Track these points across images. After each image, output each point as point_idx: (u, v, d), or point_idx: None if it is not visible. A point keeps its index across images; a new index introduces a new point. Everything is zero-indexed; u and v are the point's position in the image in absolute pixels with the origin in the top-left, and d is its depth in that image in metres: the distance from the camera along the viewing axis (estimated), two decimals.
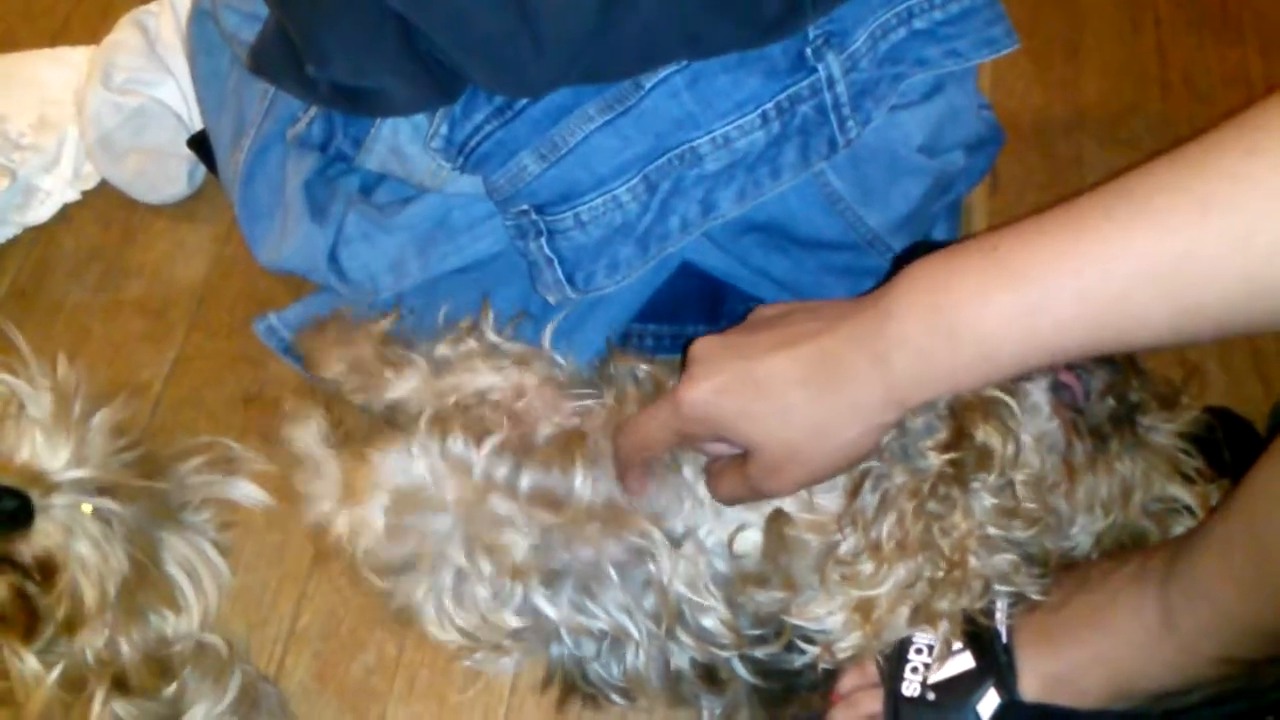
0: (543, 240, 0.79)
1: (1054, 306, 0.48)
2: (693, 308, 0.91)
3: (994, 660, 0.65)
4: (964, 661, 0.65)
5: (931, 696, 0.65)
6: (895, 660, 0.66)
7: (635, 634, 0.68)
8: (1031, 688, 0.64)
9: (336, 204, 0.87)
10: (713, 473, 0.64)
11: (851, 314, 0.55)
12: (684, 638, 0.67)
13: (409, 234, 0.85)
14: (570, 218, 0.77)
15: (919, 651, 0.66)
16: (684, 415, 0.59)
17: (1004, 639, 0.65)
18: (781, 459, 0.57)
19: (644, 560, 0.67)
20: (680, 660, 0.68)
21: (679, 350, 0.90)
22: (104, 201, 1.03)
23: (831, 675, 0.69)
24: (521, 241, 0.80)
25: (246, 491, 0.82)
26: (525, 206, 0.78)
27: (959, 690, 0.65)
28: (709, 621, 0.67)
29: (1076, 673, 0.64)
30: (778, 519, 0.65)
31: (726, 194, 0.78)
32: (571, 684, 0.71)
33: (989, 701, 0.64)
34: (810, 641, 0.65)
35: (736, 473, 0.61)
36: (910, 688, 0.66)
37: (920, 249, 0.86)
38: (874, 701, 0.67)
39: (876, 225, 0.85)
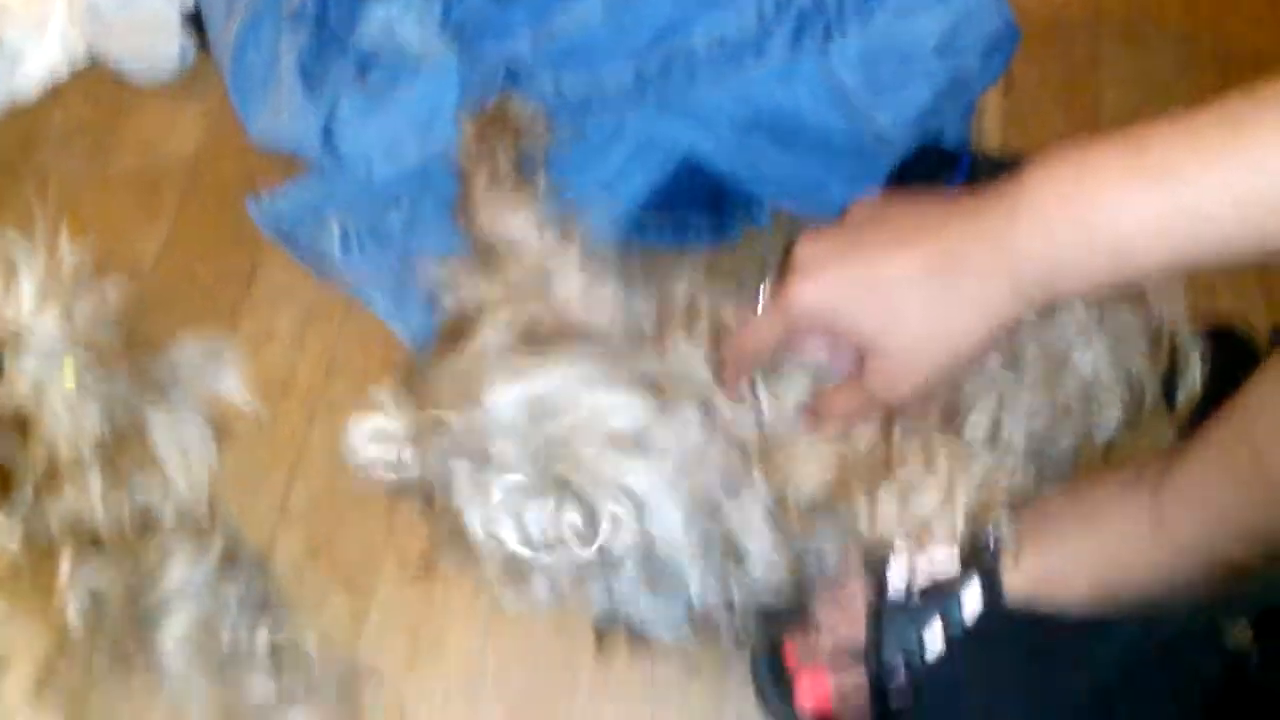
0: (496, 86, 0.78)
1: (1203, 208, 0.46)
2: (696, 200, 0.90)
3: (981, 558, 0.65)
4: (951, 558, 0.66)
5: (917, 590, 0.66)
6: (883, 554, 0.67)
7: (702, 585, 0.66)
8: (1017, 586, 0.65)
9: (331, 81, 0.84)
10: (824, 398, 0.62)
11: (973, 208, 0.52)
12: (745, 577, 0.65)
13: (406, 115, 0.83)
14: (550, 82, 0.76)
15: (907, 551, 0.66)
16: (795, 313, 0.57)
17: (992, 539, 0.65)
18: (902, 359, 0.55)
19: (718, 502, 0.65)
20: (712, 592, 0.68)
21: (680, 238, 0.90)
22: (94, 81, 1.01)
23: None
24: (475, 76, 0.78)
25: (233, 387, 0.82)
26: None
27: (944, 585, 0.65)
28: (767, 560, 0.65)
29: (1063, 572, 0.64)
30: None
31: (708, 74, 0.78)
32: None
33: (973, 598, 0.65)
34: None
35: (854, 388, 0.59)
36: (896, 580, 0.66)
37: (928, 153, 0.84)
38: (860, 593, 0.68)
39: (885, 125, 0.83)
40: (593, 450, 0.65)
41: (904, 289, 0.54)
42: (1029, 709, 0.63)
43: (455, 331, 0.74)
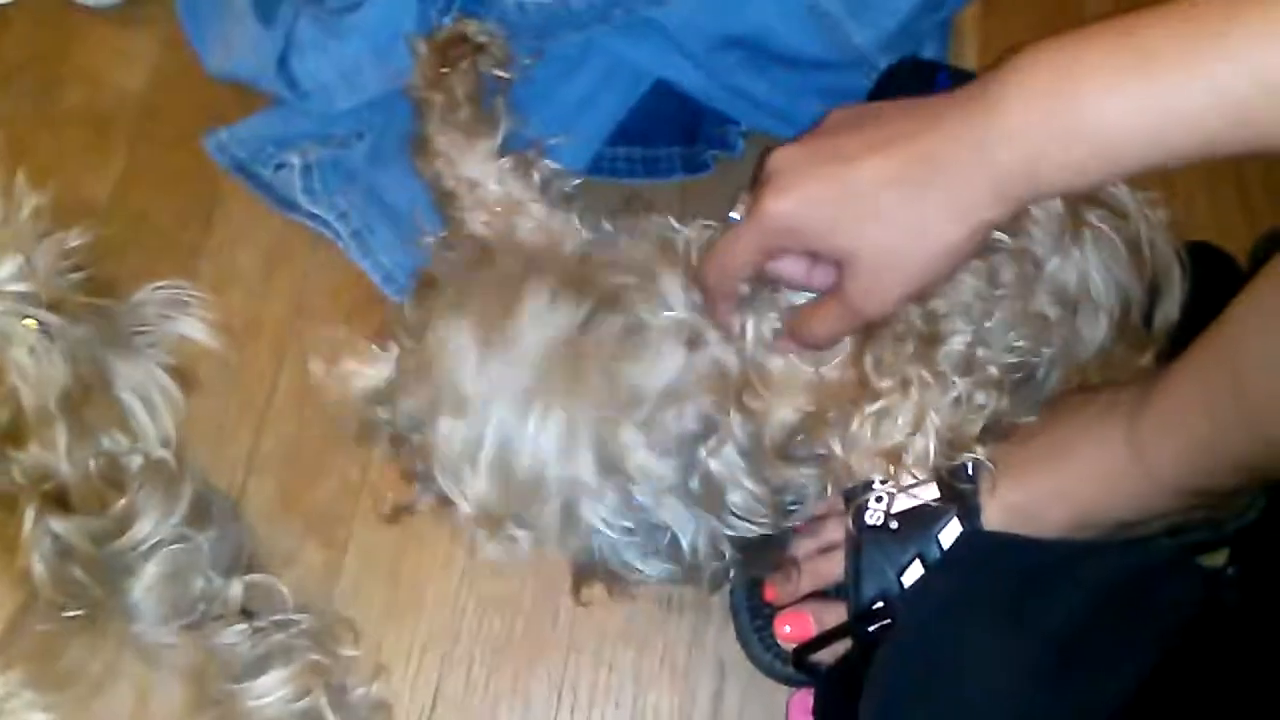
0: (455, 8, 0.75)
1: (1190, 103, 0.44)
2: (667, 130, 0.88)
3: (958, 491, 0.65)
4: (929, 492, 0.65)
5: (894, 525, 0.65)
6: (861, 489, 0.66)
7: (690, 524, 0.65)
8: (994, 518, 0.64)
9: (286, 5, 0.81)
10: (802, 317, 0.61)
11: (954, 107, 0.50)
12: (727, 518, 0.65)
13: (366, 41, 0.81)
14: (514, 7, 0.73)
15: (884, 481, 0.66)
16: (770, 229, 0.55)
17: (969, 470, 0.65)
18: (880, 268, 0.54)
19: (698, 442, 0.64)
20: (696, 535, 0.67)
21: (651, 174, 0.87)
22: (42, 3, 0.96)
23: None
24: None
25: (199, 332, 0.80)
26: None
27: (922, 519, 0.65)
28: (747, 500, 0.65)
29: (1039, 503, 0.64)
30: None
31: None
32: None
33: (951, 530, 0.65)
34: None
35: (831, 303, 0.58)
36: (874, 516, 0.66)
37: (905, 67, 0.82)
38: (838, 530, 0.68)
39: (862, 43, 0.81)
40: (570, 387, 0.64)
41: (881, 194, 0.52)
42: (1004, 635, 0.63)
43: (429, 276, 0.73)
